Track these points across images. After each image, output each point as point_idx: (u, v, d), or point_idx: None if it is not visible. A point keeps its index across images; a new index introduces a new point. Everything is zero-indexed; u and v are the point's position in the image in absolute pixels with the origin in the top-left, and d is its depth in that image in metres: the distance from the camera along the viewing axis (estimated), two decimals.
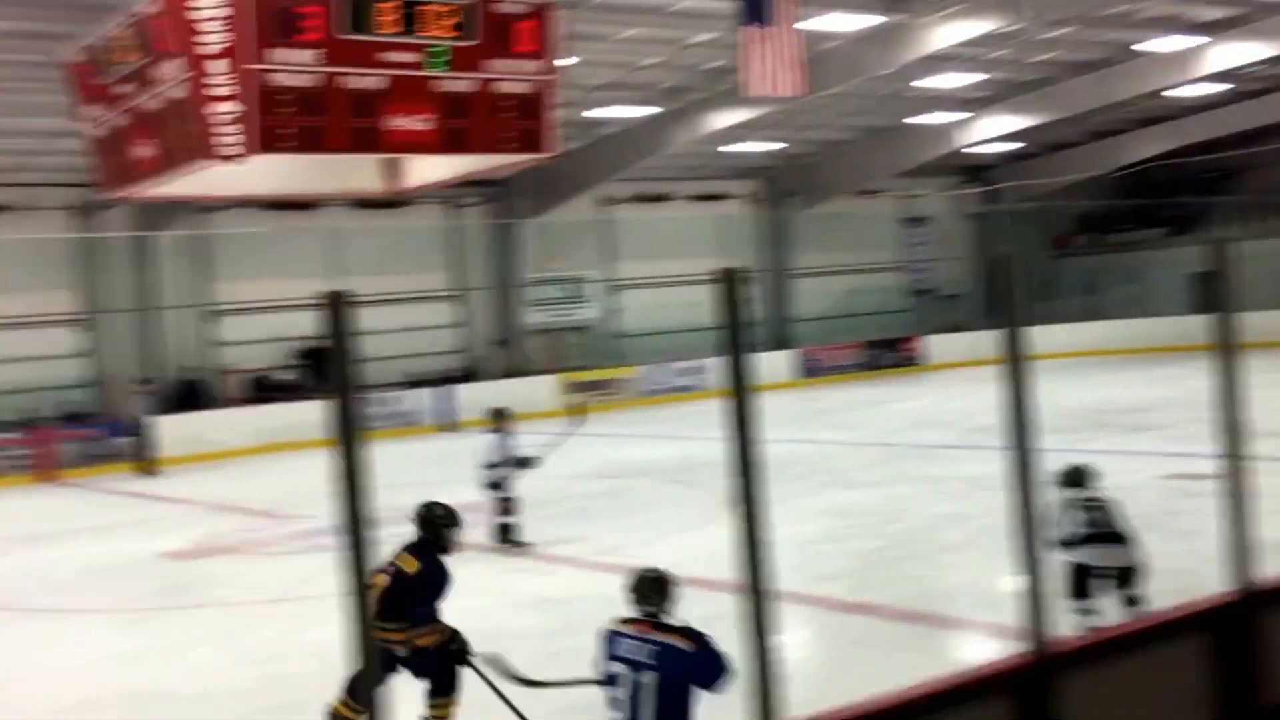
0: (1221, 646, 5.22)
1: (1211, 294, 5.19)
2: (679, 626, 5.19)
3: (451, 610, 9.60)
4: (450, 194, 27.33)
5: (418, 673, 6.51)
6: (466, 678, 6.56)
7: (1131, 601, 7.69)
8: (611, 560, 11.15)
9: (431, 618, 6.58)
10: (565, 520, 13.41)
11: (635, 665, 5.12)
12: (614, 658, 5.18)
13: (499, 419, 12.10)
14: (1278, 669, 5.44)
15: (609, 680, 5.16)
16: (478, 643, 8.48)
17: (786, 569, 10.18)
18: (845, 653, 8.13)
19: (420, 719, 6.51)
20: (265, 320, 25.04)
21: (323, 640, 8.38)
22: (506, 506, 12.07)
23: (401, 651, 6.38)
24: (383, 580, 6.34)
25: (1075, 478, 8.17)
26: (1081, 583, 7.75)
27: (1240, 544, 5.17)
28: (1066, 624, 5.92)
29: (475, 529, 13.18)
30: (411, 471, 15.90)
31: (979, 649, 7.65)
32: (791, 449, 17.92)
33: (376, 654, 4.66)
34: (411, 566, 6.57)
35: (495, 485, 12.00)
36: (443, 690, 6.59)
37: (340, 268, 25.36)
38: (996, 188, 35.15)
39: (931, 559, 10.43)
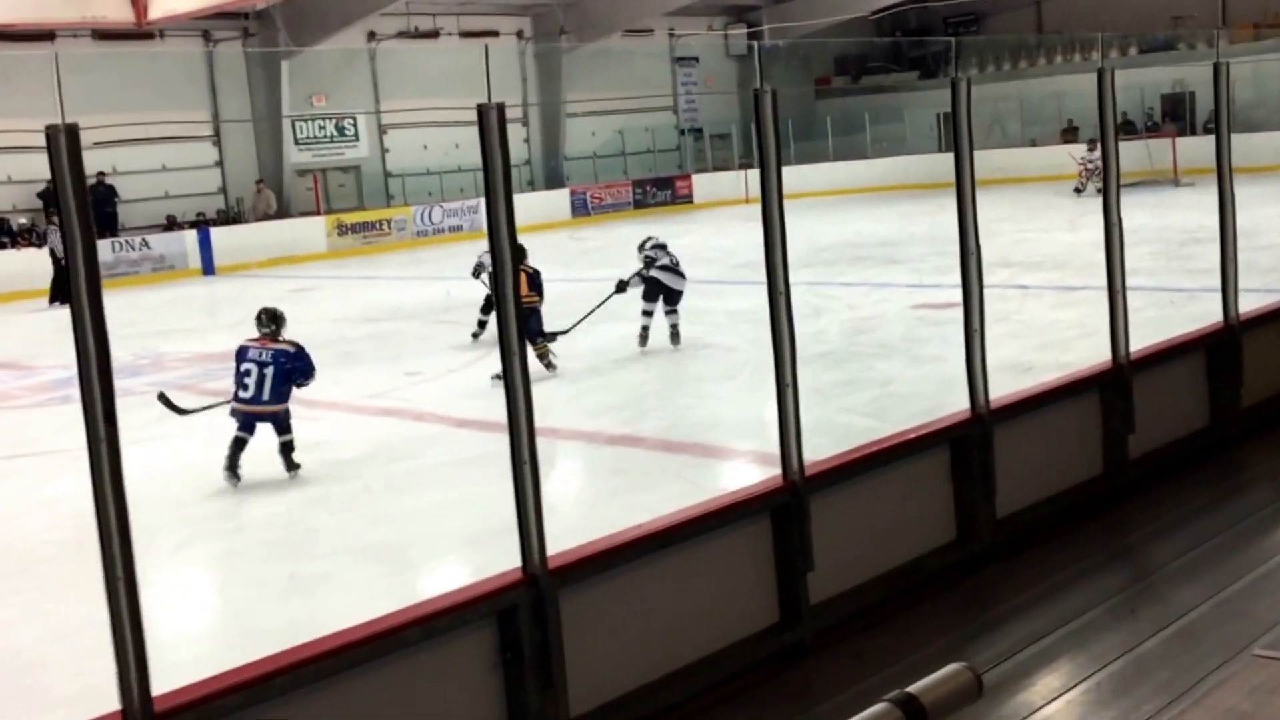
0: (959, 462, 5.56)
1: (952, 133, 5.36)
2: (287, 340, 8.68)
3: (211, 459, 9.38)
4: (203, 26, 25.81)
5: None
6: None
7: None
8: (379, 405, 11.05)
9: None
10: (331, 365, 13.12)
11: (259, 363, 8.54)
12: (244, 360, 8.60)
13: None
14: (1011, 481, 5.85)
15: (241, 376, 8.54)
16: (243, 493, 8.36)
17: (555, 404, 10.36)
18: (612, 483, 8.31)
19: None
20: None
21: (61, 495, 8.07)
22: None
23: None
24: None
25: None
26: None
27: (973, 367, 5.47)
28: None
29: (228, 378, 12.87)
30: (170, 318, 15.26)
31: (740, 475, 7.93)
32: (563, 288, 17.97)
33: None
34: None
35: None
36: None
37: (84, 104, 23.67)
38: (760, 29, 35.40)
39: (695, 389, 10.71)
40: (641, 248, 12.56)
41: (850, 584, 5.17)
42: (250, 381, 8.47)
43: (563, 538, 4.46)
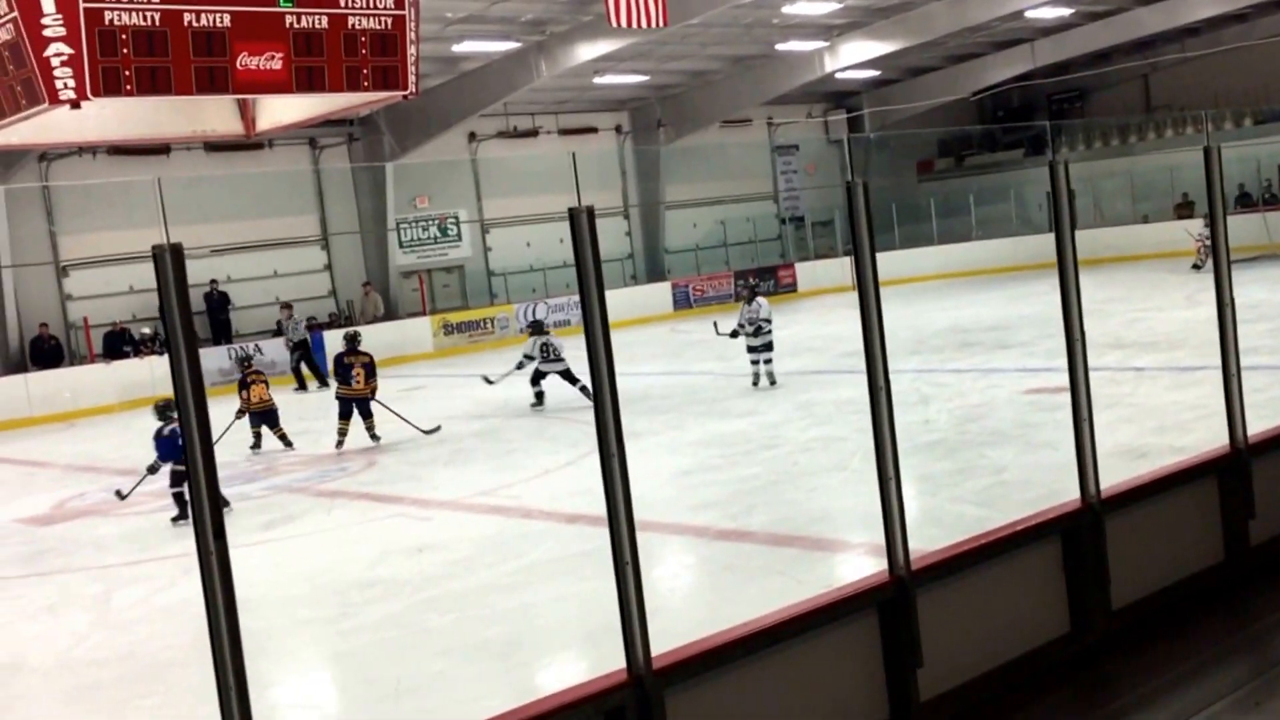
0: (1070, 553, 5.42)
1: (1055, 214, 5.33)
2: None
3: (327, 561, 9.58)
4: (311, 133, 26.74)
5: None
6: None
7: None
8: (489, 502, 11.15)
9: None
10: (441, 464, 13.34)
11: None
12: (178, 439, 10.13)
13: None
14: (1127, 570, 5.68)
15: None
16: (358, 593, 8.48)
17: (662, 500, 10.38)
18: (720, 579, 8.25)
19: None
20: (122, 272, 24.26)
21: (186, 600, 8.26)
22: None
23: None
24: None
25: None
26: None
27: (1083, 455, 5.35)
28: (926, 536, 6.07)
29: (342, 478, 13.15)
30: (283, 422, 15.60)
31: (850, 569, 7.82)
32: (665, 381, 18.06)
33: None
34: None
35: None
36: None
37: (197, 214, 24.67)
38: (860, 113, 35.58)
39: (804, 483, 10.62)
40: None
41: (962, 680, 5.04)
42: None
43: (672, 632, 4.45)
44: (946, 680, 4.98)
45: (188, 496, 9.88)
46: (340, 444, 14.65)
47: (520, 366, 16.54)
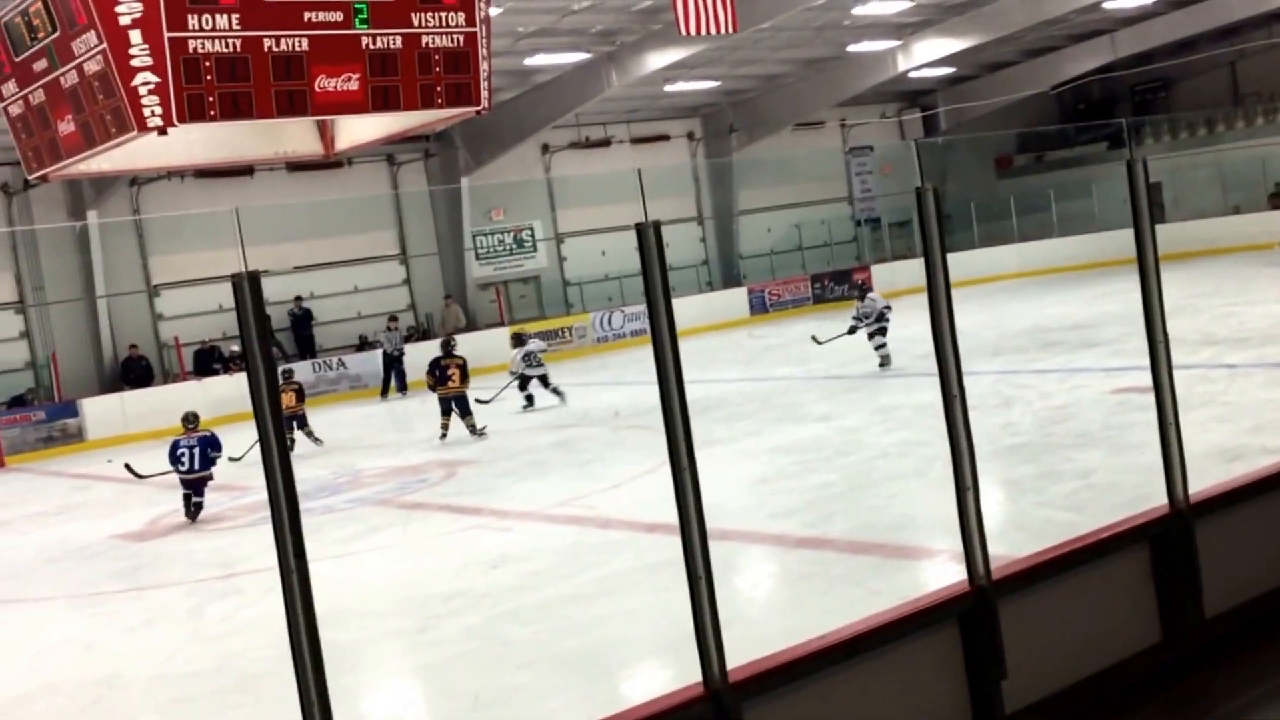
0: (1159, 560, 5.30)
1: (1134, 215, 5.22)
2: (202, 429, 13.34)
3: (409, 572, 9.69)
4: (388, 150, 27.08)
5: None
6: None
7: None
8: (567, 512, 11.19)
9: None
10: (520, 475, 13.42)
11: (190, 446, 12.96)
12: (179, 448, 13.01)
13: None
14: (1221, 577, 5.54)
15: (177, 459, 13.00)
16: (440, 605, 8.56)
17: (741, 509, 10.33)
18: (799, 588, 8.20)
19: None
20: (210, 291, 24.75)
21: (275, 613, 8.37)
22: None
23: None
24: None
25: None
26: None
27: (1170, 459, 5.23)
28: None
29: (423, 490, 13.29)
30: (366, 435, 15.87)
31: (933, 576, 7.73)
32: (743, 387, 18.01)
33: None
34: None
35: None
36: None
37: (280, 233, 25.12)
38: (935, 111, 35.19)
39: (884, 489, 10.51)
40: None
41: (1048, 691, 4.94)
42: (186, 459, 12.93)
43: (752, 640, 4.43)
44: (1032, 692, 4.89)
45: (193, 499, 12.82)
46: (443, 437, 16.20)
47: (516, 380, 18.62)
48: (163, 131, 8.51)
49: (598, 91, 25.09)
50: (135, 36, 8.39)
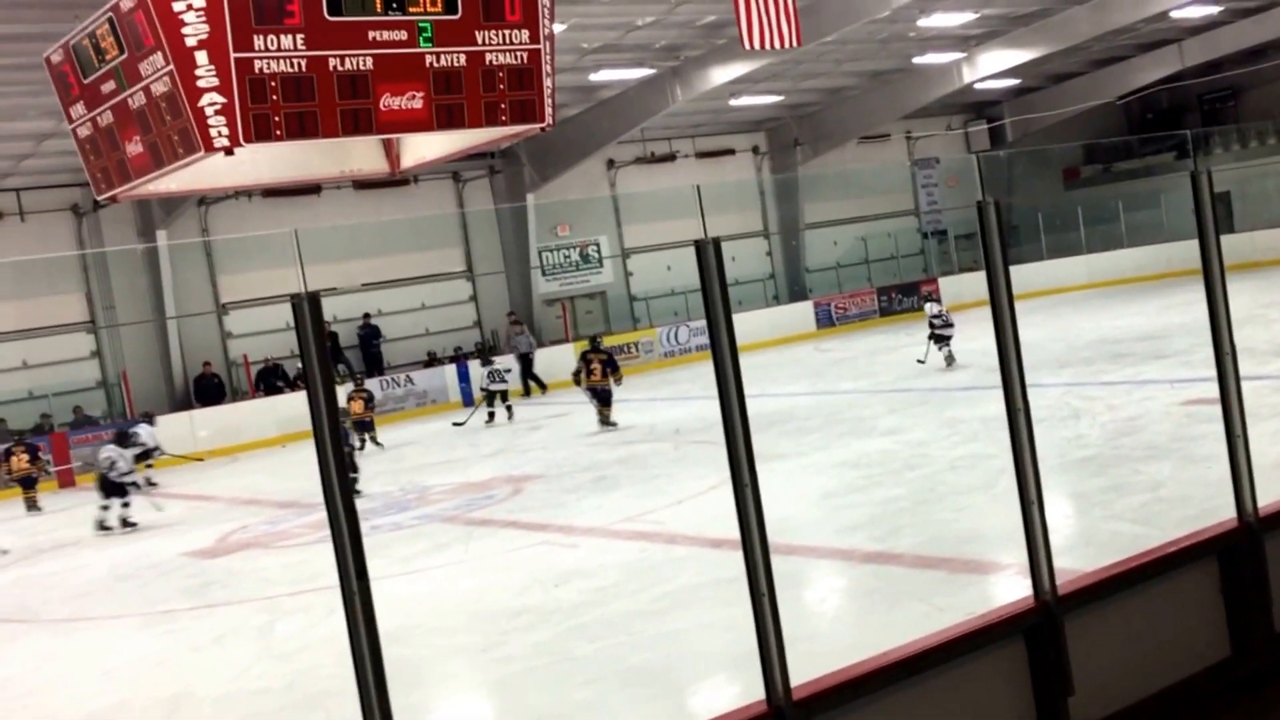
0: (1228, 574, 5.22)
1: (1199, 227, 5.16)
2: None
3: (476, 589, 9.75)
4: (453, 168, 27.34)
5: None
6: None
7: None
8: (634, 528, 11.21)
9: None
10: (587, 490, 13.48)
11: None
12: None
13: None
14: None
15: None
16: (506, 622, 8.61)
17: (808, 523, 10.29)
18: (865, 603, 8.16)
19: None
20: (277, 311, 25.12)
21: (344, 630, 8.45)
22: None
23: None
24: None
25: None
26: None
27: (1238, 473, 5.15)
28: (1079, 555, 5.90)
29: (490, 506, 13.37)
30: (433, 452, 16.01)
31: (1001, 590, 7.65)
32: (810, 401, 17.96)
33: None
34: None
35: None
36: None
37: (348, 251, 25.43)
38: (1001, 123, 34.88)
39: (951, 503, 10.43)
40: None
41: (1116, 707, 4.89)
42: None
43: (819, 655, 4.41)
44: (1100, 707, 4.84)
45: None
46: (603, 422, 18.02)
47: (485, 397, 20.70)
48: (229, 151, 8.67)
49: (662, 107, 25.15)
50: (201, 57, 8.55)
